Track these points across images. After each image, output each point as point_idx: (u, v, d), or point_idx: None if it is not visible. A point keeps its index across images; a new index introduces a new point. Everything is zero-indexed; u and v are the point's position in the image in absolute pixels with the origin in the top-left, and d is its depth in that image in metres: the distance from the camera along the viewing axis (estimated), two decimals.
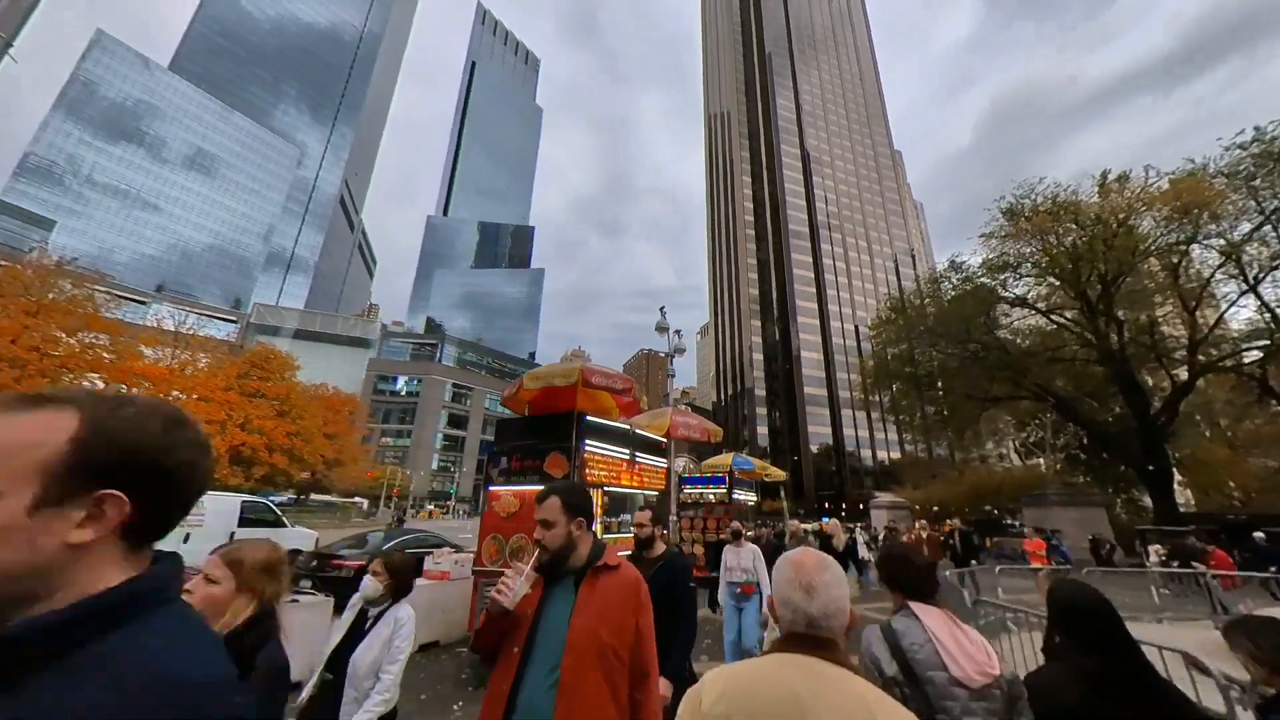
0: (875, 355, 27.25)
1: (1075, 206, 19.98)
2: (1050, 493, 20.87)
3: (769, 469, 11.54)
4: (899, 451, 77.00)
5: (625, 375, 4.84)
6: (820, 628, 0.99)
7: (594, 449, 5.19)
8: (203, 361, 26.68)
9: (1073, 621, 1.47)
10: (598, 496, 5.12)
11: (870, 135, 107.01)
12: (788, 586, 1.04)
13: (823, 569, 1.05)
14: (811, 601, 1.00)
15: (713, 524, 10.13)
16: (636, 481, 6.04)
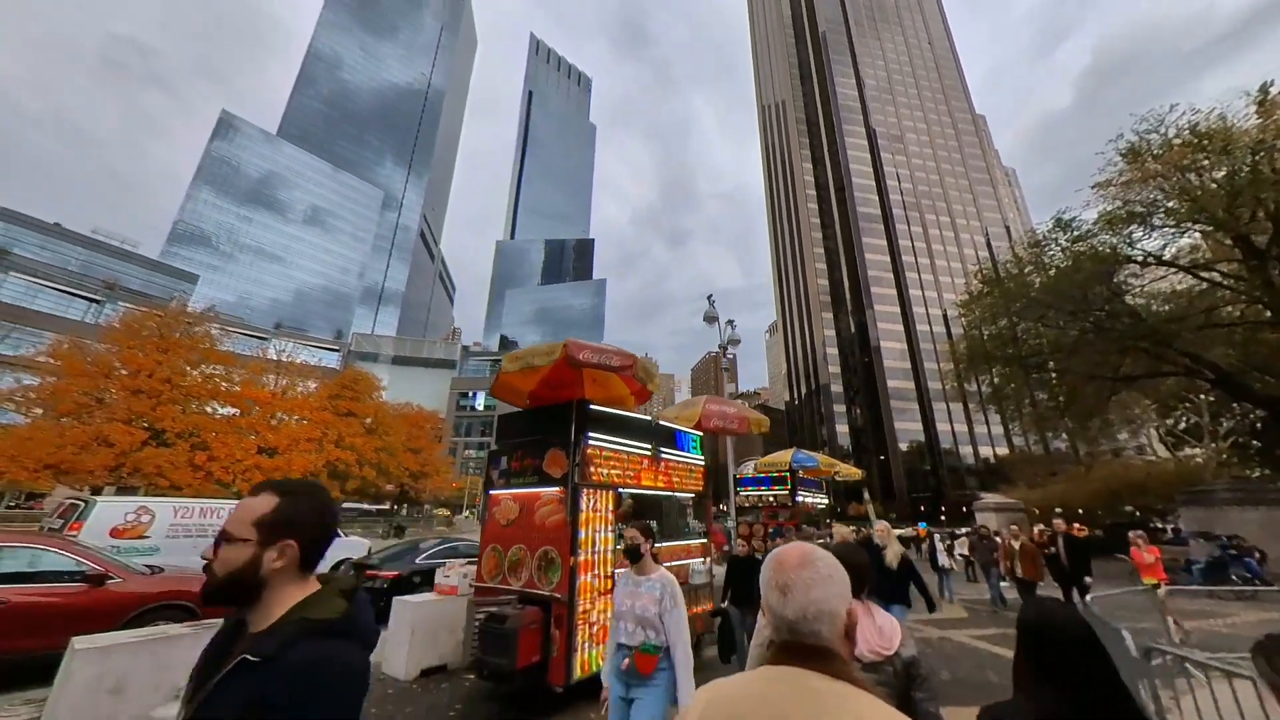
0: (967, 336, 23.76)
1: (1225, 134, 16.12)
2: (1219, 489, 16.83)
3: (838, 465, 10.02)
4: (1006, 447, 68.34)
5: (624, 351, 4.01)
6: (803, 634, 0.86)
7: (602, 443, 4.40)
8: (300, 387, 29.53)
9: (1042, 650, 1.23)
10: (605, 498, 4.32)
11: (946, 102, 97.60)
12: (765, 587, 0.92)
13: (804, 565, 0.91)
14: (786, 604, 0.88)
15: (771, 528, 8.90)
16: (663, 482, 5.16)
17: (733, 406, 5.85)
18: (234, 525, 0.96)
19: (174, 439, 22.16)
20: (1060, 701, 1.14)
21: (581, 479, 4.06)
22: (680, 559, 5.29)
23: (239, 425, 25.86)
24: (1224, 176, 15.43)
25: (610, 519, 4.30)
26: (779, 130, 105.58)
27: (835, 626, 0.87)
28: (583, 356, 3.78)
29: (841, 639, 0.88)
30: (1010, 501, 29.73)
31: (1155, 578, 7.24)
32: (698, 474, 5.74)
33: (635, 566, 2.66)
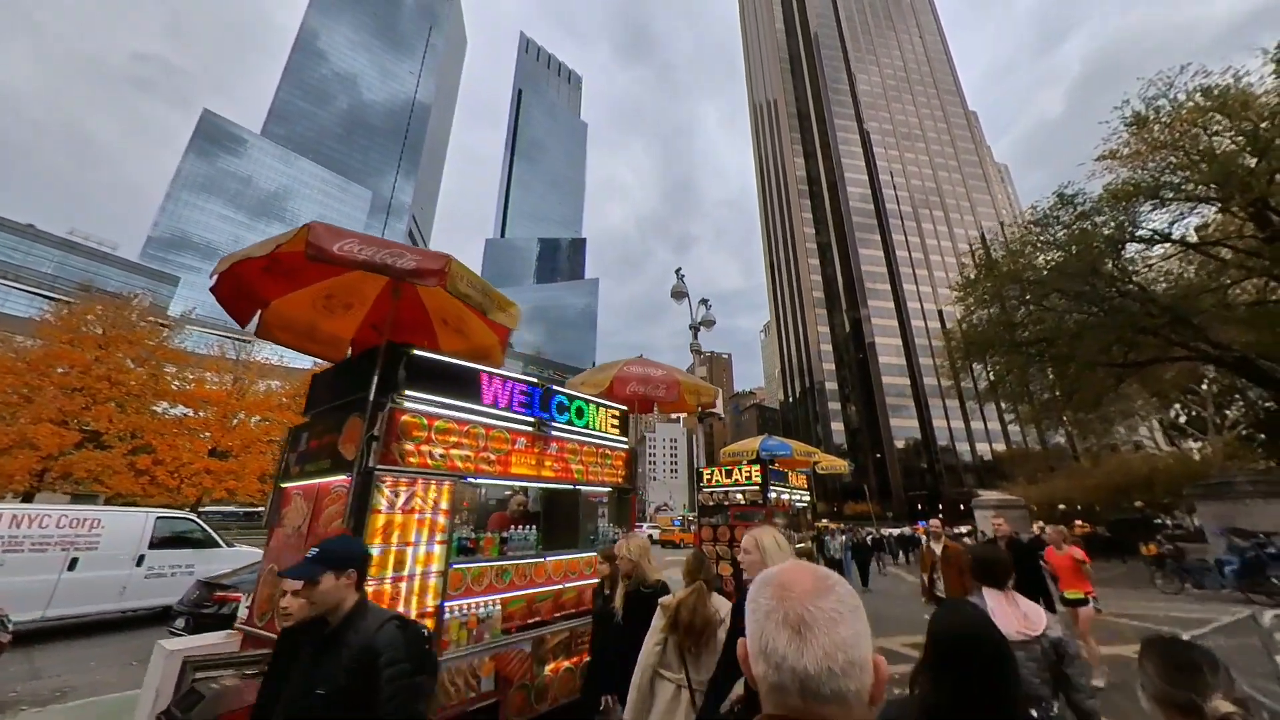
0: (965, 321, 22.35)
1: (1242, 94, 14.87)
2: (1239, 481, 15.50)
3: (818, 455, 8.53)
4: (1003, 443, 67.29)
5: (432, 252, 2.48)
6: (825, 695, 0.56)
7: (432, 408, 2.92)
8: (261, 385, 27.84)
9: (932, 648, 1.28)
10: (437, 492, 2.84)
11: (939, 97, 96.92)
12: (767, 622, 0.62)
13: (823, 591, 0.63)
14: (804, 649, 0.57)
15: (742, 533, 7.45)
16: (555, 469, 3.67)
17: (660, 369, 4.39)
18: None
19: (113, 441, 20.52)
20: (941, 695, 1.18)
21: (382, 461, 2.57)
22: (584, 578, 3.81)
23: (190, 426, 24.20)
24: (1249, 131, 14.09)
25: (442, 526, 2.81)
26: (771, 126, 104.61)
27: (865, 684, 0.57)
28: (339, 249, 2.25)
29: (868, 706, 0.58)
30: (1011, 499, 28.45)
31: (1079, 590, 5.31)
32: (616, 460, 4.26)
33: None
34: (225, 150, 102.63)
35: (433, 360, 2.95)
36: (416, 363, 2.85)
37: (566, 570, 3.70)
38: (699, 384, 4.54)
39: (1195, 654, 1.21)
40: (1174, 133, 16.40)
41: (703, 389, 4.54)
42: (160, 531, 6.97)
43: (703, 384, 4.61)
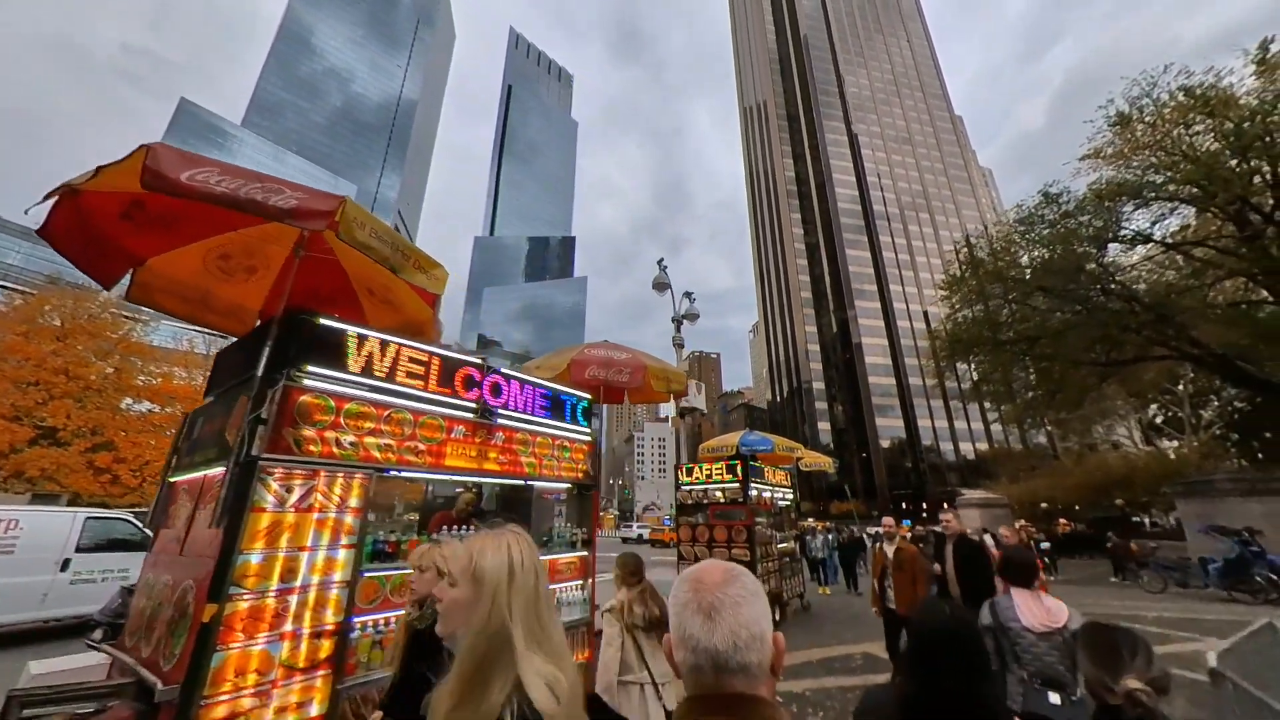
0: (950, 320, 22.35)
1: (1223, 94, 14.94)
2: (1220, 479, 15.58)
3: (800, 450, 8.20)
4: (986, 443, 68.17)
5: (322, 191, 2.04)
6: (732, 668, 0.67)
7: (341, 387, 2.48)
8: None
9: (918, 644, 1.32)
10: (344, 488, 2.41)
11: (925, 101, 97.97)
12: (684, 612, 0.73)
13: (729, 581, 0.74)
14: (714, 628, 0.69)
15: (722, 533, 7.07)
16: (501, 463, 3.25)
17: (625, 352, 3.98)
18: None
19: (70, 438, 19.56)
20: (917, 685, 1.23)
21: (271, 449, 2.13)
22: None
23: (155, 423, 23.23)
24: (1230, 130, 14.15)
25: (350, 526, 2.37)
26: (761, 129, 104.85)
27: (765, 656, 0.69)
28: (189, 178, 1.72)
29: (768, 675, 0.70)
30: (994, 497, 28.56)
31: None
32: (576, 453, 3.85)
33: None
34: (204, 140, 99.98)
35: (345, 332, 2.51)
36: (323, 334, 2.41)
37: None
38: (668, 369, 4.14)
39: (1118, 637, 1.32)
40: (1156, 132, 16.48)
41: (673, 374, 4.15)
42: (91, 533, 6.38)
43: (673, 369, 4.21)
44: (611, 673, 2.19)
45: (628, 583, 2.50)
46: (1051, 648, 2.16)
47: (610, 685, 2.17)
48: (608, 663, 2.22)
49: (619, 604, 2.40)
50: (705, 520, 7.31)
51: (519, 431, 3.43)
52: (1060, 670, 2.11)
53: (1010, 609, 2.29)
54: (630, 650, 2.26)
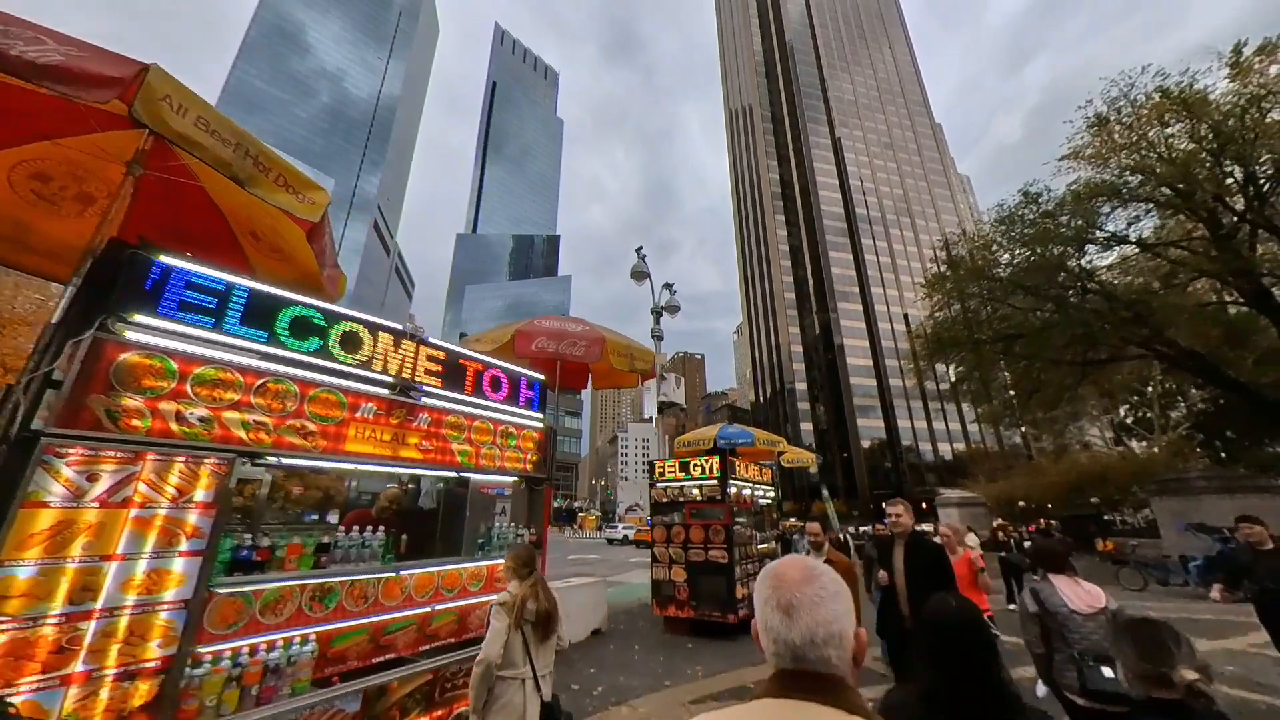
0: (932, 318, 22.35)
1: (1200, 97, 15.08)
2: (1194, 477, 15.74)
3: (781, 444, 7.75)
4: (964, 443, 69.41)
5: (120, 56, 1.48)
6: (811, 660, 0.74)
7: (201, 350, 1.91)
8: None
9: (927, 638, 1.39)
10: (177, 474, 1.83)
11: (907, 108, 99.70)
12: (765, 607, 0.80)
13: (808, 580, 0.79)
14: (792, 625, 0.75)
15: (698, 534, 6.59)
16: (428, 451, 2.70)
17: (580, 324, 3.46)
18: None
19: None
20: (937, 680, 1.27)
21: (66, 422, 1.56)
22: (466, 595, 2.85)
23: None
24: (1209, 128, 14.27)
25: (193, 528, 1.80)
26: (746, 132, 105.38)
27: (845, 650, 0.75)
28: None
29: (850, 665, 0.76)
30: (972, 496, 28.82)
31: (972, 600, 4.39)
32: (524, 441, 3.31)
33: None
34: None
35: (201, 276, 1.94)
36: (166, 275, 1.84)
37: (440, 586, 2.72)
38: (633, 345, 3.62)
39: (1162, 632, 1.39)
40: (1133, 134, 16.61)
41: (637, 351, 3.62)
42: None
43: (638, 345, 3.69)
44: (486, 670, 2.10)
45: (520, 575, 2.36)
46: (1097, 627, 2.33)
47: (484, 680, 2.12)
48: (487, 659, 2.11)
49: (511, 598, 2.25)
50: (681, 520, 6.82)
51: (451, 414, 2.88)
52: (1105, 646, 2.24)
53: (1054, 594, 2.45)
54: (516, 645, 2.21)
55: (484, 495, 3.21)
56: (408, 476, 3.49)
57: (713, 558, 6.43)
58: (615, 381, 4.28)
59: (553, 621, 2.34)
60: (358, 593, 2.34)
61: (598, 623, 6.54)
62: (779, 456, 8.21)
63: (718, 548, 6.43)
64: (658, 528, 6.98)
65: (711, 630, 6.29)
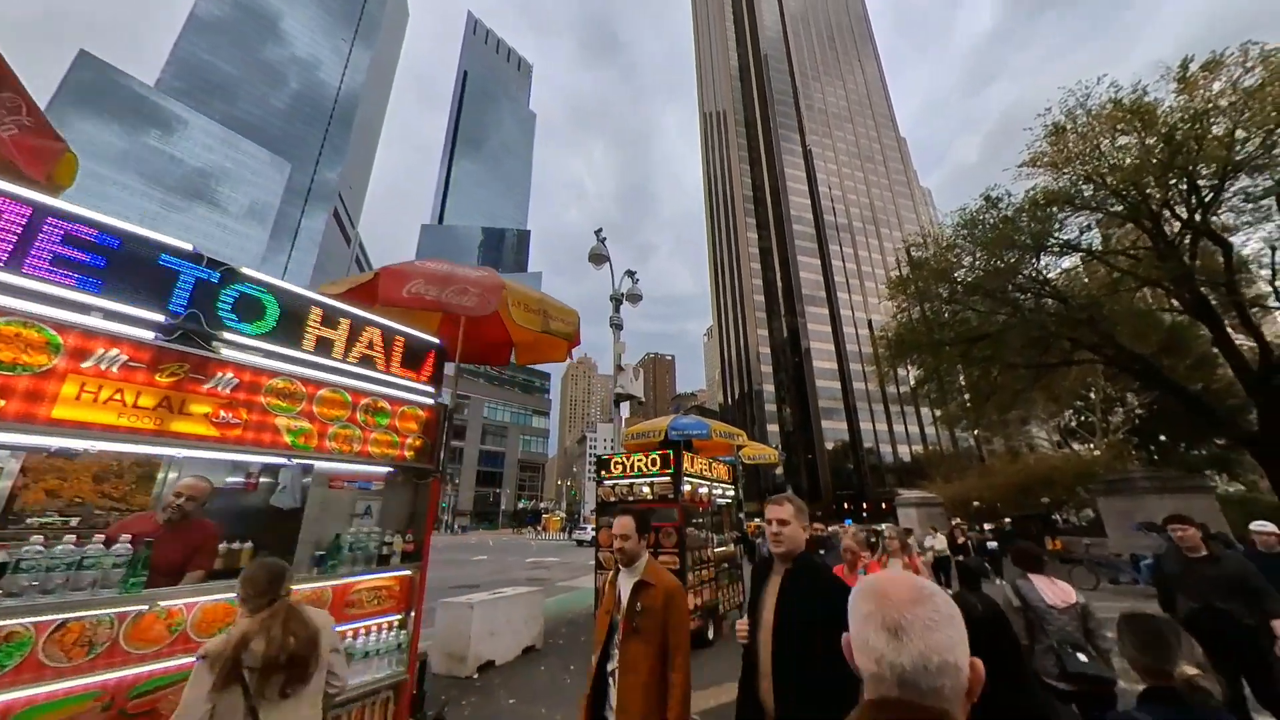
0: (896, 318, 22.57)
1: (1148, 109, 15.59)
2: (1138, 477, 16.26)
3: (741, 438, 7.15)
4: (922, 445, 71.81)
5: None
6: (921, 690, 0.64)
7: None
8: None
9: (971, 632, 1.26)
10: None
11: (874, 119, 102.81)
12: (867, 625, 0.71)
13: (919, 600, 0.70)
14: (902, 649, 0.66)
15: (648, 536, 5.94)
16: (228, 426, 1.88)
17: (477, 271, 2.67)
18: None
19: None
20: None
21: None
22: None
23: None
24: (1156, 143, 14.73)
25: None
26: (720, 136, 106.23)
27: (959, 684, 0.66)
28: None
29: (963, 700, 0.67)
30: (930, 496, 29.37)
31: None
32: (403, 421, 2.54)
33: None
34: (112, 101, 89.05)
35: None
36: None
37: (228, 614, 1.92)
38: (548, 300, 2.81)
39: (1164, 628, 1.48)
40: (1087, 144, 17.10)
41: (553, 308, 2.80)
42: None
43: (554, 301, 2.91)
44: None
45: (253, 605, 1.58)
46: (1070, 619, 2.62)
47: None
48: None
49: (222, 643, 1.49)
50: None
51: (278, 376, 2.08)
52: (1079, 637, 2.57)
53: (1034, 591, 2.73)
54: (232, 714, 1.43)
55: (337, 490, 2.42)
56: (259, 466, 2.66)
57: (663, 563, 5.76)
58: (542, 354, 3.55)
59: (300, 667, 1.57)
60: (73, 639, 1.52)
61: (531, 639, 5.77)
62: (738, 451, 7.64)
63: (668, 551, 5.78)
64: (604, 530, 6.27)
65: None
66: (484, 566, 19.74)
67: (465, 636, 4.86)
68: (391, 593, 2.45)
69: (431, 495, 2.69)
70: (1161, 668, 1.40)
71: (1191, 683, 1.32)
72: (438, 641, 5.02)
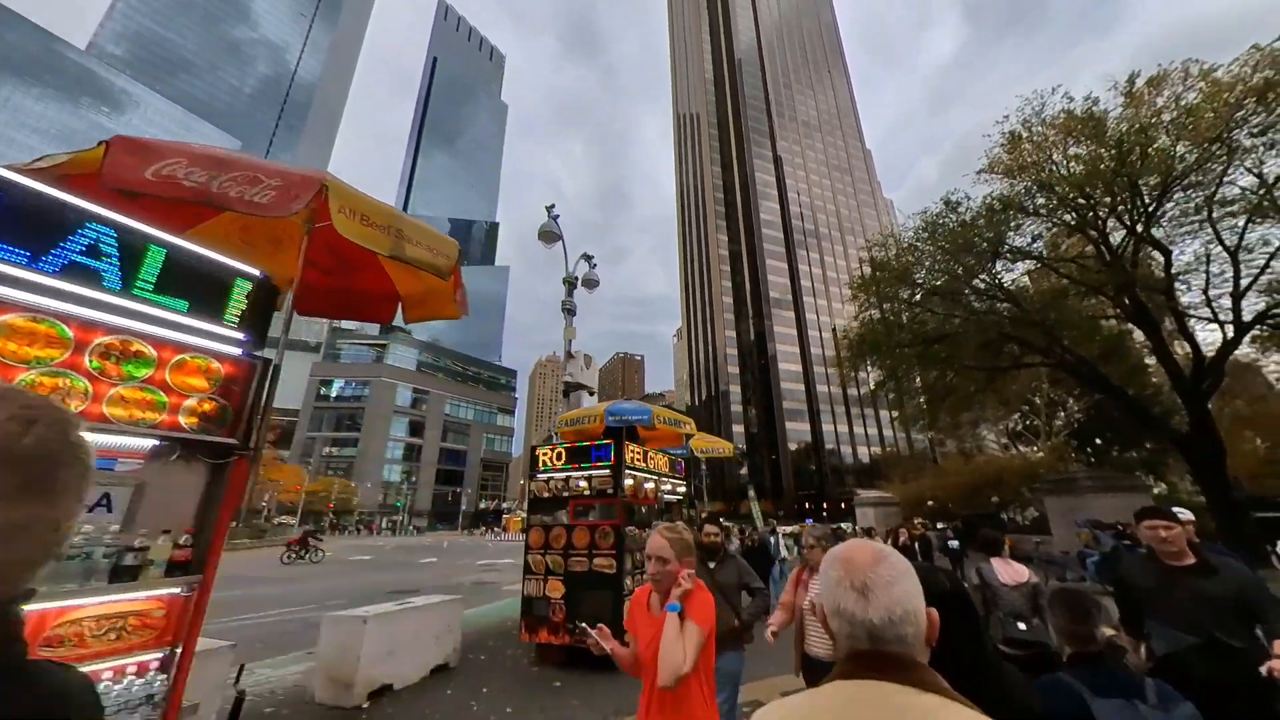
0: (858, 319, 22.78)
1: (1098, 119, 16.11)
2: (1081, 477, 16.78)
3: (689, 425, 6.56)
4: (880, 447, 74.00)
5: None
6: (888, 639, 0.75)
7: None
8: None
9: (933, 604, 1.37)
10: None
11: (841, 130, 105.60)
12: (838, 589, 0.81)
13: (878, 561, 0.81)
14: (869, 605, 0.76)
15: (583, 537, 5.26)
16: None
17: (274, 165, 1.93)
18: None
19: None
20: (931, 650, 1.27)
21: None
22: None
23: None
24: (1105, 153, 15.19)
25: None
26: (692, 138, 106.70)
27: (919, 629, 0.77)
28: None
29: (923, 645, 0.78)
30: (887, 496, 29.98)
31: None
32: (178, 375, 1.78)
33: None
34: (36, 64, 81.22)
35: None
36: None
37: None
38: (407, 219, 2.03)
39: (1086, 600, 1.63)
40: (1040, 153, 17.58)
41: (414, 228, 1.96)
42: None
43: (418, 223, 2.15)
44: None
45: None
46: (1020, 595, 3.11)
47: None
48: None
49: None
50: (565, 521, 5.45)
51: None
52: (1024, 610, 3.05)
53: (991, 573, 3.26)
54: None
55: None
56: None
57: (598, 567, 5.11)
58: (434, 308, 2.84)
59: None
60: None
61: (443, 656, 4.99)
62: (688, 441, 7.09)
63: (605, 554, 5.13)
64: (535, 530, 5.55)
65: (592, 662, 4.95)
66: (431, 570, 18.57)
67: (354, 657, 4.06)
68: (147, 621, 1.69)
69: (233, 482, 1.95)
70: (1087, 634, 1.54)
71: (1111, 643, 1.47)
72: (320, 664, 4.21)
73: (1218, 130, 13.78)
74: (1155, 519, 2.47)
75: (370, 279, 2.95)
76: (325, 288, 2.99)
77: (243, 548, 28.57)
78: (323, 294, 3.00)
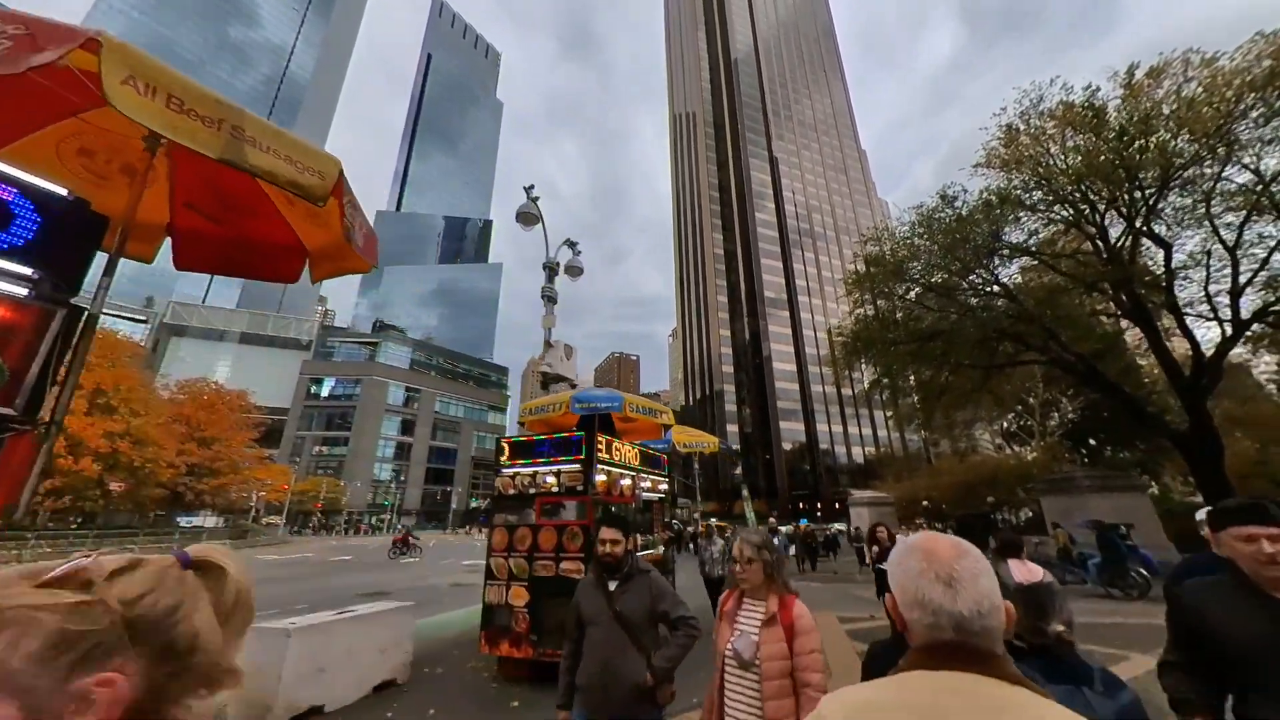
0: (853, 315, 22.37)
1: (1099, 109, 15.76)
2: (1079, 476, 16.44)
3: (666, 415, 5.96)
4: (874, 447, 73.87)
5: None
6: (974, 631, 0.74)
7: None
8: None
9: None
10: None
11: (837, 131, 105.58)
12: (920, 580, 0.79)
13: (962, 554, 0.81)
14: (957, 597, 0.75)
15: (549, 539, 4.75)
16: None
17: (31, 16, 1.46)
18: None
19: None
20: None
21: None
22: None
23: None
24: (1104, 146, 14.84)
25: None
26: (688, 138, 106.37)
27: (1001, 623, 0.76)
28: None
29: (1002, 638, 0.77)
30: (882, 496, 29.60)
31: None
32: None
33: None
34: None
35: None
36: None
37: None
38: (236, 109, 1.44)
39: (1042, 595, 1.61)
40: (1038, 146, 17.24)
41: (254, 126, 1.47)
42: None
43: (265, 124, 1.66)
44: None
45: None
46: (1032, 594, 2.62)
47: None
48: None
49: None
50: (531, 521, 4.94)
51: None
52: None
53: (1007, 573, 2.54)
54: None
55: None
56: None
57: (565, 571, 4.60)
58: (340, 263, 2.33)
59: None
60: None
61: (390, 671, 4.47)
62: (667, 433, 6.60)
63: (572, 557, 4.62)
64: (499, 530, 5.03)
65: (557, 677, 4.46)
66: (409, 570, 17.93)
67: (274, 675, 3.54)
68: None
69: (13, 460, 1.43)
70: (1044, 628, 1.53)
71: (1060, 637, 1.49)
72: None
73: (1216, 124, 13.47)
74: (1252, 524, 1.49)
75: (267, 228, 2.42)
76: (215, 237, 2.47)
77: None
78: (211, 245, 2.47)
